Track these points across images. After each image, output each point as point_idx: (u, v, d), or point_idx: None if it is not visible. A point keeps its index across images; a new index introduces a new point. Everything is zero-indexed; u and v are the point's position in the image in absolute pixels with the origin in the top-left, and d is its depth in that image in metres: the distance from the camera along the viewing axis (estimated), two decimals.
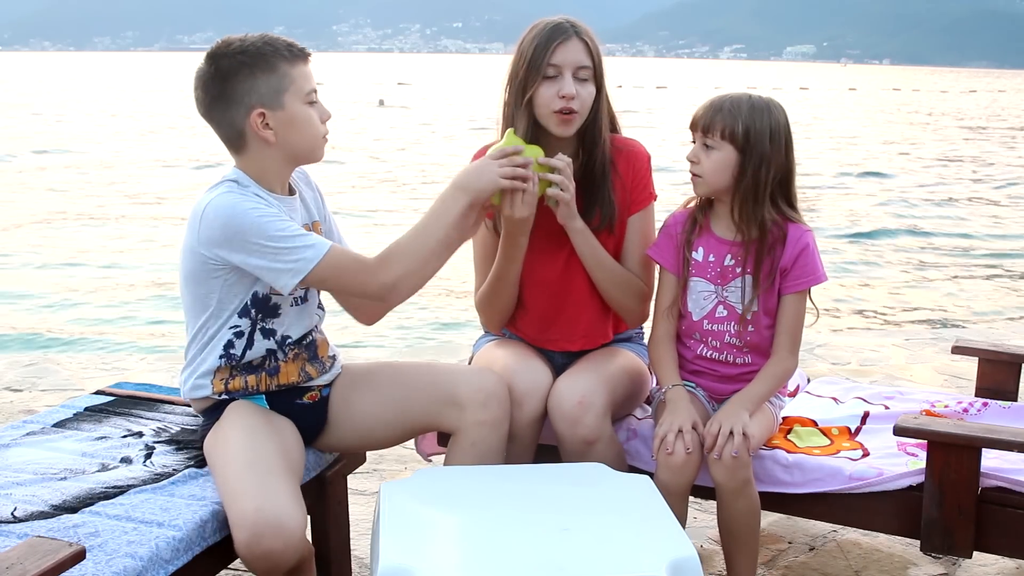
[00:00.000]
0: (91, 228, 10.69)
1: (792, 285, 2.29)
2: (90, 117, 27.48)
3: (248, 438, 2.02)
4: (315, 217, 2.26)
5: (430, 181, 14.98)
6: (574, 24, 2.32)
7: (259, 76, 2.03)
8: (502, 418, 2.17)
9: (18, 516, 1.86)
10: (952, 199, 14.08)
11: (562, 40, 2.27)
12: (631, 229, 2.43)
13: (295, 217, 2.14)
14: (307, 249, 1.99)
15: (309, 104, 2.09)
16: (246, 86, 2.03)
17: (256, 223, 1.98)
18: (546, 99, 2.27)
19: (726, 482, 2.15)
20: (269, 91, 2.04)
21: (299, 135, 2.09)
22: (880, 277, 8.61)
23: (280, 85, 2.04)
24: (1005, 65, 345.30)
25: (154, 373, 4.43)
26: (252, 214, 1.98)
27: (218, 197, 2.03)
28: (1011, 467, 2.19)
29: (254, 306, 2.11)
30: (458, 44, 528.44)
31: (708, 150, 2.25)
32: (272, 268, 1.99)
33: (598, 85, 2.33)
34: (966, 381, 4.14)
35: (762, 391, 2.28)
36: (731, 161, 2.24)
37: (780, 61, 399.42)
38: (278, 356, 2.17)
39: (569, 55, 2.27)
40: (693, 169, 2.28)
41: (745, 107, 2.23)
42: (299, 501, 1.93)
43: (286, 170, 2.15)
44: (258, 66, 2.03)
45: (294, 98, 2.06)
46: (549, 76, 2.27)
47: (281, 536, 1.82)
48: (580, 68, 2.28)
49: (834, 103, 41.86)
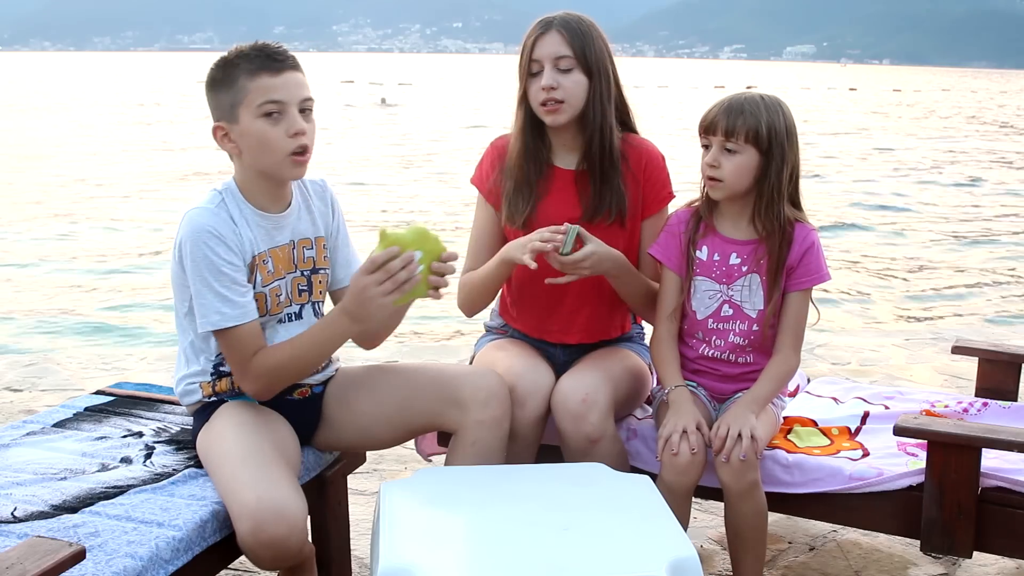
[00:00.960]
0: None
1: (797, 283, 2.29)
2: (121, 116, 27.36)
3: (241, 432, 2.03)
4: (319, 233, 2.22)
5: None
6: (560, 17, 2.35)
7: (220, 90, 2.05)
8: (503, 418, 2.17)
9: (18, 516, 1.86)
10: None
11: (539, 35, 2.34)
12: (649, 232, 2.44)
13: (278, 234, 2.13)
14: (234, 309, 2.02)
15: (264, 118, 2.01)
16: (213, 100, 2.07)
17: (208, 258, 2.00)
18: (533, 94, 2.35)
19: (733, 484, 2.15)
20: (226, 105, 2.04)
21: (256, 150, 2.05)
22: (881, 276, 8.60)
23: (235, 99, 2.03)
24: (1005, 65, 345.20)
25: (154, 373, 4.43)
26: (210, 245, 2.00)
27: (196, 214, 2.04)
28: (1011, 467, 2.19)
29: None
30: (458, 44, 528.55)
31: (730, 154, 2.22)
32: (199, 304, 2.03)
33: (589, 72, 2.33)
34: (966, 381, 4.14)
35: (767, 391, 2.27)
36: (753, 163, 2.23)
37: (780, 61, 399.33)
38: None
39: (546, 48, 2.32)
40: (712, 173, 2.25)
41: (762, 108, 2.22)
42: (298, 488, 1.94)
43: (265, 184, 2.10)
44: (220, 80, 2.05)
45: (247, 112, 2.02)
46: (534, 72, 2.34)
47: (285, 522, 1.82)
48: (559, 59, 2.31)
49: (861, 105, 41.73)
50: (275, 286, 2.13)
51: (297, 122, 2.03)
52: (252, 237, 2.09)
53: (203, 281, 2.01)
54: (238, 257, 2.05)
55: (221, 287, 2.01)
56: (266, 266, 2.11)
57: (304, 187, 2.22)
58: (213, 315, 2.02)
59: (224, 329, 2.03)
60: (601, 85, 2.35)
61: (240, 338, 2.04)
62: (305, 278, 2.20)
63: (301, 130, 2.03)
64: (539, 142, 2.40)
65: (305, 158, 2.06)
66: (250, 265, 2.08)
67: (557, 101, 2.31)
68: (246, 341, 2.05)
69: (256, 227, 2.10)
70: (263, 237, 2.11)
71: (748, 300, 2.31)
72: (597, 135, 2.36)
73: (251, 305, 2.05)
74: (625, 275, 2.33)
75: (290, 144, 2.03)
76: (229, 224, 2.05)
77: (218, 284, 2.01)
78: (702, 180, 2.32)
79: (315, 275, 2.22)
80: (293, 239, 2.17)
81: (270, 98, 2.01)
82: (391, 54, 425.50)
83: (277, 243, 2.14)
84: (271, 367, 2.07)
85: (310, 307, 2.22)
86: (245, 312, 2.03)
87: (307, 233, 2.20)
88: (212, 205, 2.06)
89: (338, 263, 2.27)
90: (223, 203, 2.07)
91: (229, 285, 2.02)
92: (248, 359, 2.06)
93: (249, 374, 2.07)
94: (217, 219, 2.04)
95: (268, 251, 2.12)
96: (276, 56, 2.03)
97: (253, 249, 2.09)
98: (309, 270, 2.21)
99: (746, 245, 2.31)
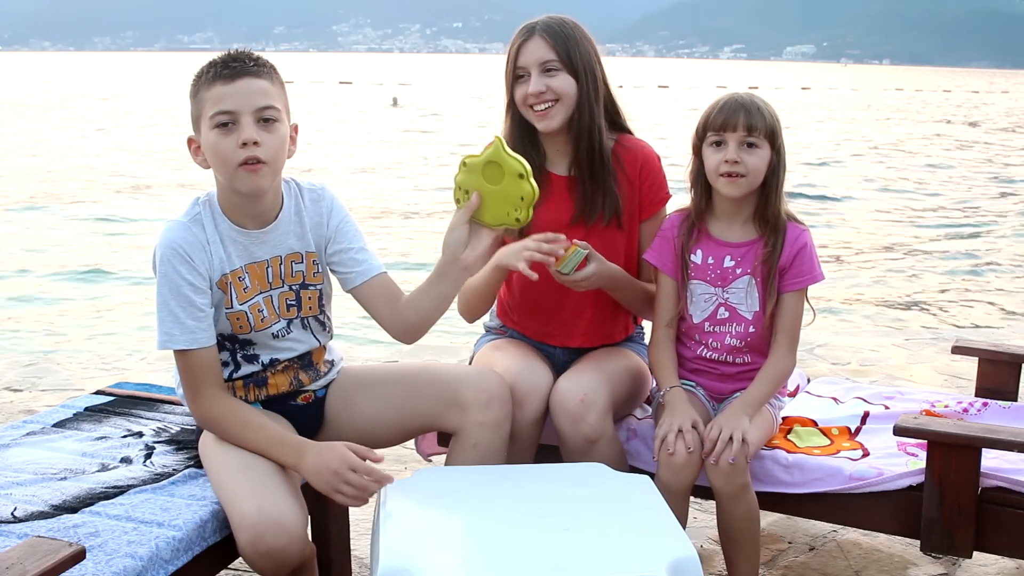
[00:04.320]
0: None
1: (791, 284, 2.29)
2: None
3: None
4: (309, 248, 2.15)
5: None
6: (543, 22, 2.36)
7: (191, 103, 2.03)
8: (504, 419, 2.17)
9: (18, 516, 1.86)
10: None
11: (523, 41, 2.35)
12: (647, 233, 2.44)
13: (258, 250, 2.09)
14: (184, 332, 2.00)
15: (216, 129, 1.95)
16: (190, 113, 2.05)
17: (169, 276, 1.99)
18: (520, 99, 2.35)
19: (724, 487, 2.15)
20: (194, 117, 2.03)
21: (214, 163, 2.01)
22: (882, 276, 8.61)
23: (197, 111, 2.01)
24: (1005, 65, 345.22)
25: (154, 373, 4.43)
26: (174, 263, 1.99)
27: (169, 228, 2.03)
28: (1011, 467, 2.19)
29: (227, 340, 2.11)
30: (458, 44, 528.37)
31: (752, 149, 2.23)
32: (160, 318, 2.01)
33: (575, 74, 2.33)
34: (966, 381, 4.14)
35: (762, 393, 2.28)
36: (767, 159, 2.25)
37: (780, 61, 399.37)
38: (266, 372, 2.16)
39: (530, 54, 2.33)
40: (735, 169, 2.23)
41: (762, 104, 2.26)
42: (299, 498, 1.93)
43: (239, 199, 2.03)
44: (192, 93, 2.03)
45: (205, 124, 1.98)
46: (520, 77, 2.35)
47: (284, 533, 1.82)
48: (544, 63, 2.32)
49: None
50: (255, 302, 2.09)
51: (245, 131, 1.94)
52: (224, 255, 2.05)
53: (162, 297, 2.00)
54: (202, 279, 2.01)
55: (177, 307, 1.99)
56: (242, 283, 2.07)
57: (299, 195, 2.15)
58: (163, 334, 2.01)
59: (178, 351, 2.02)
60: (588, 87, 2.35)
61: (188, 363, 2.02)
62: (294, 293, 2.15)
63: (249, 139, 1.94)
64: (531, 149, 2.39)
65: (257, 168, 1.95)
66: (221, 283, 2.05)
67: (552, 101, 2.31)
68: (195, 368, 2.02)
69: (232, 243, 2.06)
70: (239, 253, 2.07)
71: (743, 302, 2.31)
72: (586, 137, 2.36)
73: (204, 332, 2.01)
74: (621, 288, 2.35)
75: (240, 155, 1.94)
76: (199, 241, 2.02)
77: (175, 303, 1.99)
78: (698, 183, 2.32)
79: (304, 290, 2.16)
80: (279, 254, 2.12)
81: (220, 108, 1.95)
82: (391, 54, 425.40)
83: (256, 259, 2.09)
84: (215, 417, 2.03)
85: (299, 322, 2.17)
86: (195, 338, 2.00)
87: (295, 247, 2.14)
88: (186, 219, 2.04)
89: (345, 263, 2.19)
90: (198, 217, 2.05)
91: (186, 307, 1.99)
92: (198, 387, 2.03)
93: (196, 403, 2.05)
94: (187, 235, 2.01)
95: (244, 267, 2.08)
96: (231, 63, 1.97)
97: (224, 268, 2.05)
98: (298, 285, 2.15)
99: (740, 247, 2.31)
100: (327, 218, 2.17)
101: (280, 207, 2.11)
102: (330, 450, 1.93)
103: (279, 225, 2.10)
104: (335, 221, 2.18)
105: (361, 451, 1.93)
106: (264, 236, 2.09)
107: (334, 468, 1.90)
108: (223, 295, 2.06)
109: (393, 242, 9.71)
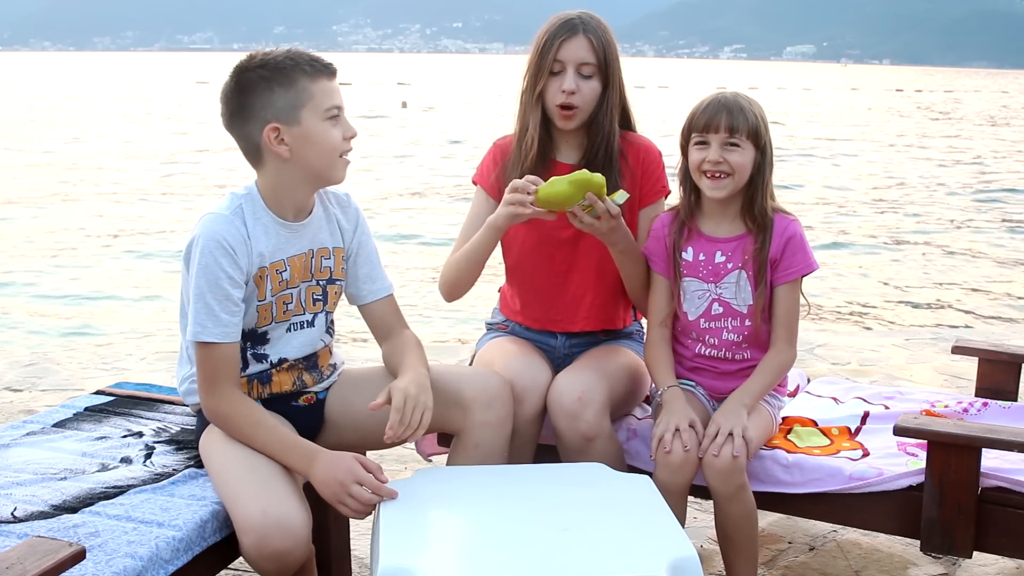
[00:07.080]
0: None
1: (783, 276, 2.30)
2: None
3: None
4: (338, 244, 2.21)
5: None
6: (585, 20, 2.36)
7: (276, 90, 2.02)
8: (506, 419, 2.17)
9: (18, 516, 1.86)
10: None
11: (567, 36, 2.33)
12: (645, 222, 2.46)
13: (297, 242, 2.12)
14: (217, 326, 2.00)
15: (329, 120, 2.05)
16: (263, 100, 2.02)
17: (210, 268, 1.99)
18: (551, 93, 2.35)
19: (720, 487, 2.15)
20: (286, 106, 2.02)
21: (314, 152, 2.05)
22: (880, 277, 8.61)
23: (298, 100, 2.02)
24: (1005, 65, 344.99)
25: (154, 373, 4.43)
26: (216, 256, 1.99)
27: (211, 219, 2.03)
28: (1011, 467, 2.19)
29: (243, 337, 2.11)
30: (458, 44, 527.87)
31: (736, 149, 2.25)
32: (191, 310, 2.02)
33: (605, 81, 2.36)
34: (966, 381, 4.14)
35: (761, 384, 2.28)
36: (751, 158, 2.26)
37: (780, 61, 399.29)
38: (271, 371, 2.17)
39: (571, 52, 2.33)
40: (720, 169, 2.25)
41: (751, 106, 2.27)
42: (303, 500, 1.93)
43: (302, 190, 2.11)
44: (276, 80, 2.01)
45: (312, 114, 2.03)
46: (555, 72, 2.34)
47: (289, 536, 1.82)
48: (583, 64, 2.33)
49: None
50: (286, 294, 2.12)
51: (352, 126, 2.10)
52: (265, 248, 2.07)
53: (199, 289, 2.00)
54: (241, 272, 2.03)
55: (213, 300, 2.00)
56: (280, 275, 2.10)
57: (326, 197, 2.21)
58: (196, 325, 2.01)
59: (202, 342, 2.02)
60: (613, 95, 2.39)
61: (212, 356, 2.02)
62: (320, 287, 2.19)
63: (354, 134, 2.11)
64: (546, 138, 2.43)
65: (348, 160, 2.12)
66: (258, 276, 2.07)
67: (572, 107, 2.33)
68: (217, 362, 2.03)
69: (274, 235, 2.09)
70: (281, 245, 2.10)
71: (736, 297, 2.32)
72: (599, 137, 2.39)
73: (235, 327, 2.03)
74: (631, 255, 2.34)
75: (344, 146, 2.08)
76: (241, 234, 2.04)
77: (211, 296, 2.00)
78: (686, 181, 2.34)
79: (331, 285, 2.21)
80: (312, 247, 2.16)
81: (335, 103, 2.06)
82: (391, 54, 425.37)
83: (296, 251, 2.13)
84: (227, 413, 2.03)
85: (323, 316, 2.21)
86: (226, 332, 2.02)
87: (326, 243, 2.19)
88: (228, 212, 2.05)
89: (360, 278, 2.25)
90: (239, 210, 2.06)
91: (221, 300, 2.00)
92: (216, 381, 2.03)
93: (210, 397, 2.05)
94: (230, 228, 2.03)
95: (287, 259, 2.11)
96: (325, 62, 2.08)
97: (264, 260, 2.07)
98: (325, 280, 2.19)
99: (729, 242, 2.33)
100: (355, 224, 2.25)
101: (314, 203, 2.18)
102: (340, 460, 1.94)
103: (313, 220, 2.17)
104: (361, 230, 2.26)
105: (370, 465, 1.95)
106: (302, 228, 2.14)
107: (342, 479, 1.91)
108: (256, 288, 2.08)
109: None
